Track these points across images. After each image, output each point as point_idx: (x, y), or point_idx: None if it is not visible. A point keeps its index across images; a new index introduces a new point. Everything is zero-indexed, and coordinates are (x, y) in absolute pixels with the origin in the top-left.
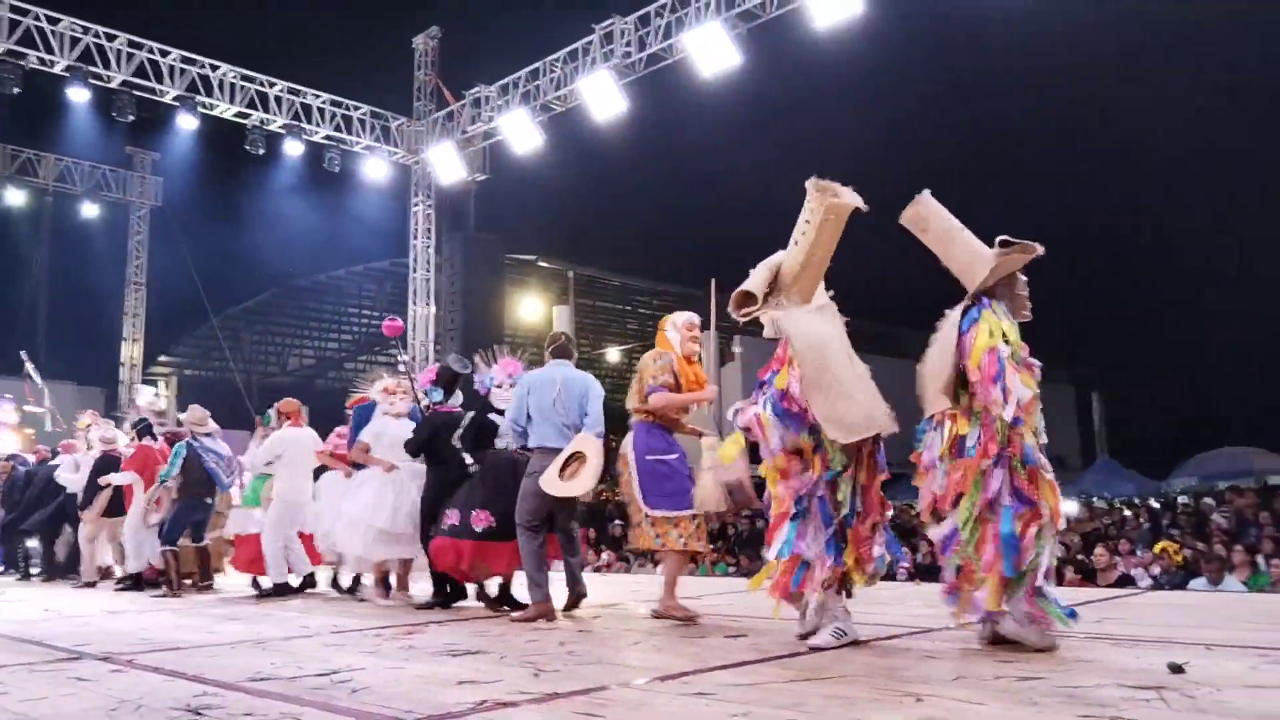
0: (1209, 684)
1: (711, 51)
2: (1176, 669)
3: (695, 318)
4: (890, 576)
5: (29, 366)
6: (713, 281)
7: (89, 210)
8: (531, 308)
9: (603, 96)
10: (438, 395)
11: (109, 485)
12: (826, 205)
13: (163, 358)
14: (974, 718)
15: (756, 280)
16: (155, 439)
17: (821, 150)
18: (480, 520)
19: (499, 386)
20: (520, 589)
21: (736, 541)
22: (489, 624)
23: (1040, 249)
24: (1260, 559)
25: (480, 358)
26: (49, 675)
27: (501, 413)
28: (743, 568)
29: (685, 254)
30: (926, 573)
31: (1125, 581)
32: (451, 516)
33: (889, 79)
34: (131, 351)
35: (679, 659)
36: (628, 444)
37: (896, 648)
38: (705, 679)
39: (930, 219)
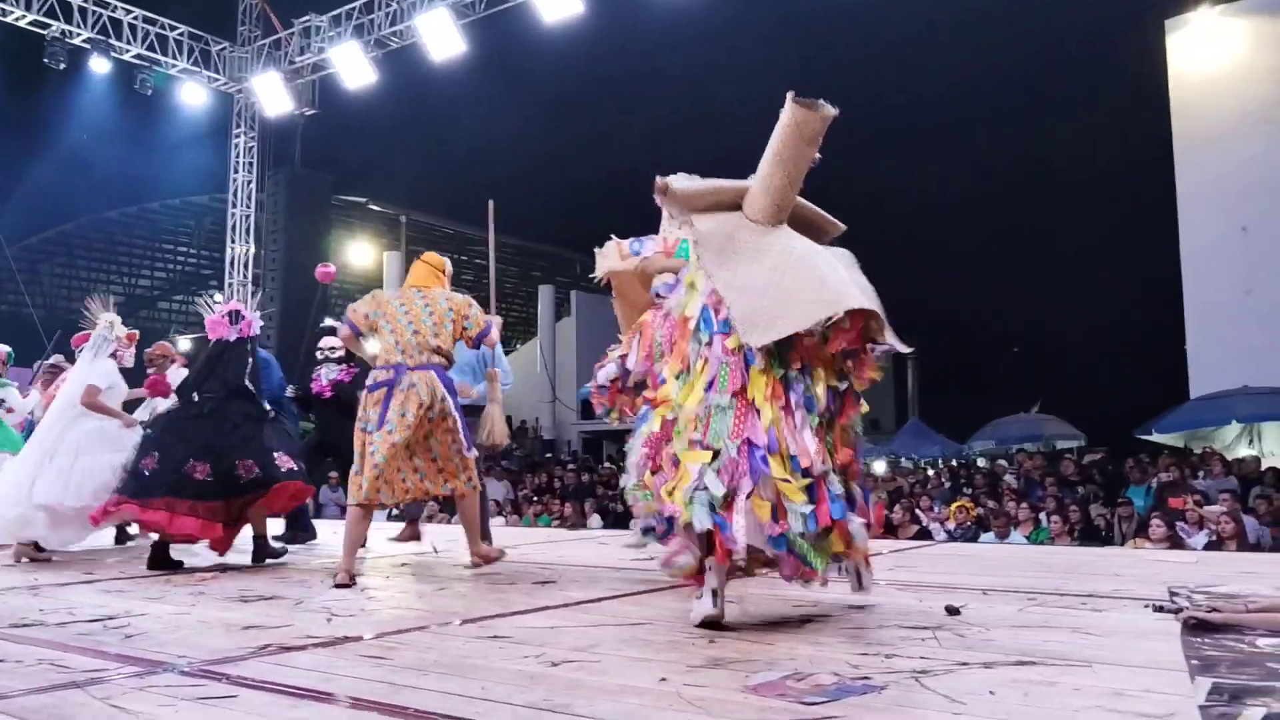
0: (980, 624)
1: None
2: (953, 611)
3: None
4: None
5: None
6: (491, 204)
7: None
8: (361, 252)
9: (440, 35)
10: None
11: None
12: (791, 109)
13: None
14: (759, 654)
15: (700, 182)
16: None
17: (663, 104)
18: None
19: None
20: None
21: (562, 493)
22: (292, 572)
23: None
24: (1043, 516)
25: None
26: None
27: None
28: (568, 519)
29: (523, 205)
30: None
31: (923, 535)
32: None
33: (740, 34)
34: None
35: (481, 604)
36: (437, 385)
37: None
38: (504, 623)
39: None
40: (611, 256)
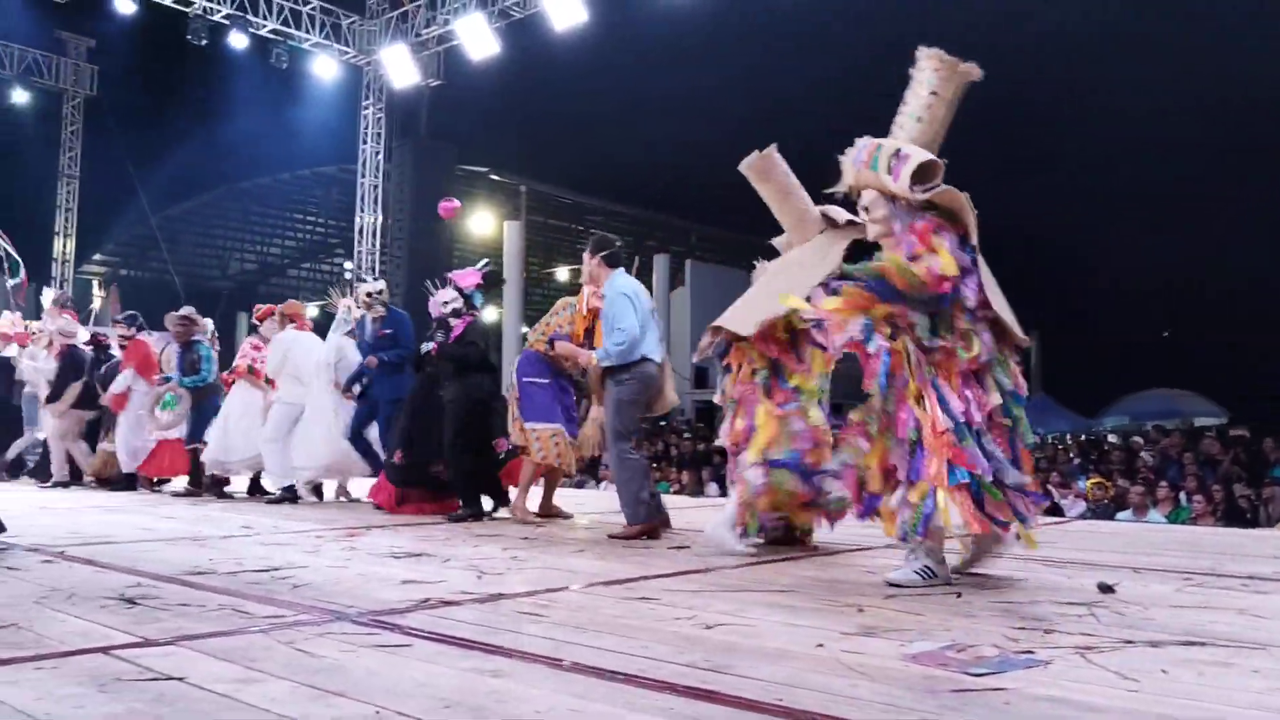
0: (1137, 603)
1: None
2: (1106, 589)
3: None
4: None
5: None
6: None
7: (19, 96)
8: (482, 222)
9: (563, 4)
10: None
11: (82, 381)
12: (960, 72)
13: (97, 255)
14: (911, 624)
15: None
16: (149, 332)
17: (788, 70)
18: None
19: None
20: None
21: (679, 461)
22: (433, 529)
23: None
24: (1183, 495)
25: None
26: None
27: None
28: (685, 486)
29: (641, 175)
30: None
31: (1055, 511)
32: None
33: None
34: (64, 247)
35: (622, 566)
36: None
37: (836, 563)
38: (648, 585)
39: (772, 171)
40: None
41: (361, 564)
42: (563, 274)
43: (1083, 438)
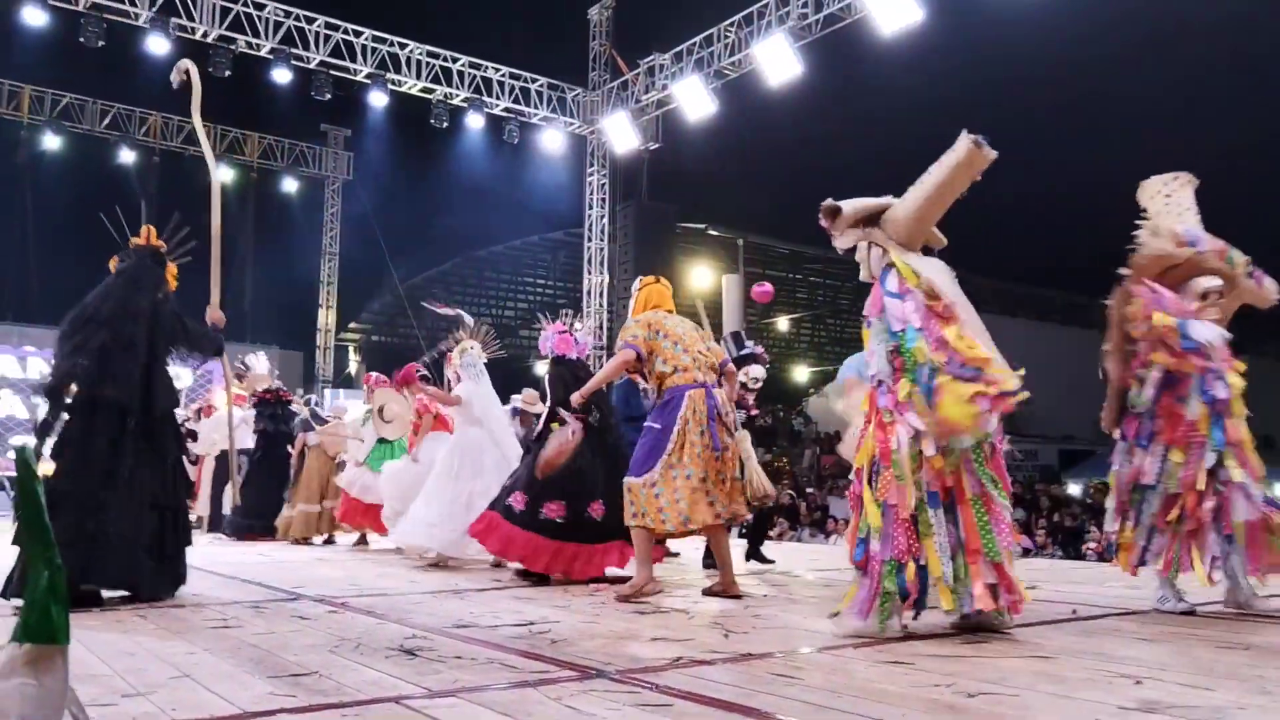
0: None
1: (891, 9)
2: None
3: None
4: (1079, 556)
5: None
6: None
7: (288, 185)
8: (702, 276)
9: (777, 60)
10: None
11: None
12: (968, 147)
13: (353, 324)
14: (1197, 701)
15: (853, 202)
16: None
17: (1004, 116)
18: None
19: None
20: None
21: None
22: (674, 585)
23: None
24: None
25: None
26: (273, 612)
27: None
28: None
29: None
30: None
31: None
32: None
33: (1100, 33)
34: (326, 318)
35: None
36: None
37: (1100, 628)
38: (900, 648)
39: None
40: (1164, 240)
41: (611, 620)
42: (782, 324)
43: None
